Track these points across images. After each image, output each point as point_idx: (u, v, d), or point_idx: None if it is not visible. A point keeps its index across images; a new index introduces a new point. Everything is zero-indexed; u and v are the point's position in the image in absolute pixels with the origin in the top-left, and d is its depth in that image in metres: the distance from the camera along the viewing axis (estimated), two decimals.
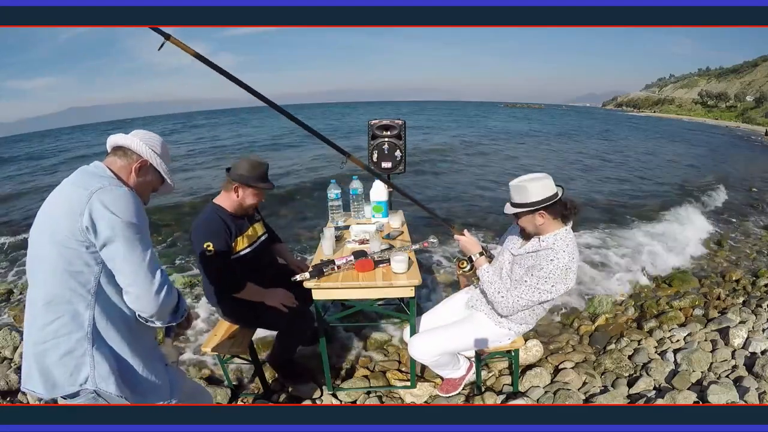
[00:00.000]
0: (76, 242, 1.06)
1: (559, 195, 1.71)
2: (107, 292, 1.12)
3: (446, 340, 1.96)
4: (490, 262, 1.90)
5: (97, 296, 1.10)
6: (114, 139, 1.27)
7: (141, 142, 1.25)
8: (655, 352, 2.68)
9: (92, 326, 1.10)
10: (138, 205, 1.13)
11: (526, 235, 1.86)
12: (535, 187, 1.68)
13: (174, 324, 1.26)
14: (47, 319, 1.09)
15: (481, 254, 1.87)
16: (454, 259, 1.93)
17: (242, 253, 2.03)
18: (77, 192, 1.08)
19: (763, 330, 2.71)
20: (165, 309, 1.15)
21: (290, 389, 2.28)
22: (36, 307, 1.11)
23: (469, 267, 1.90)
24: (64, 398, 1.13)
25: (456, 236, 1.92)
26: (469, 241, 1.89)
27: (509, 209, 1.77)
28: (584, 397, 2.21)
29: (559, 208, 1.71)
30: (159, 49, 1.30)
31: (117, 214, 1.06)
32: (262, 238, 2.19)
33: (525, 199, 1.69)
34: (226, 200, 2.02)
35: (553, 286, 1.67)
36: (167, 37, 1.30)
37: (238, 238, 2.01)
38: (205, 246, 1.87)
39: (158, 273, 1.12)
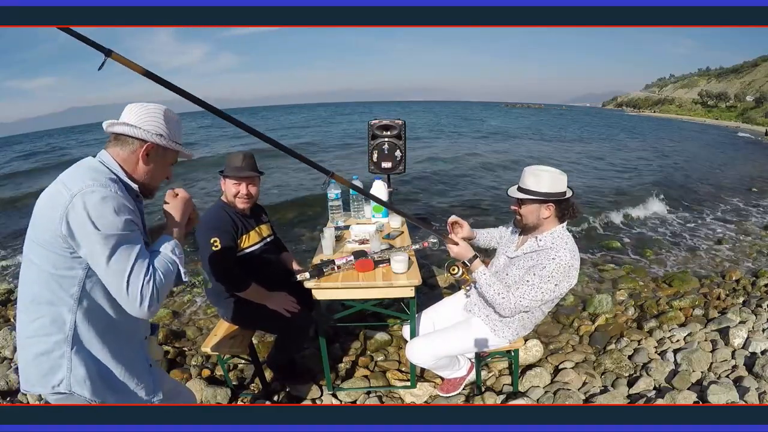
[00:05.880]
0: (58, 247, 1.03)
1: (568, 195, 1.71)
2: (92, 297, 1.09)
3: (443, 344, 1.95)
4: (486, 265, 1.88)
5: (80, 301, 1.07)
6: (109, 127, 1.15)
7: (140, 125, 1.13)
8: (655, 352, 2.68)
9: (73, 330, 1.07)
10: (120, 207, 1.04)
11: (522, 234, 1.85)
12: (552, 178, 1.67)
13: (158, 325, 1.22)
14: (30, 317, 1.09)
15: (475, 257, 1.82)
16: (445, 264, 1.91)
17: (247, 251, 2.04)
18: (60, 194, 1.02)
19: (763, 330, 2.71)
20: (155, 310, 1.07)
21: (287, 389, 2.28)
22: (23, 303, 1.11)
23: (459, 272, 1.88)
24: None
25: (448, 245, 1.86)
26: (461, 249, 1.83)
27: (515, 192, 1.74)
28: (584, 397, 2.21)
29: (565, 207, 1.71)
30: (99, 69, 1.10)
31: (95, 225, 0.99)
32: (268, 239, 2.20)
33: (538, 188, 1.68)
34: (224, 195, 2.06)
35: (556, 285, 1.66)
36: (108, 53, 1.09)
37: (244, 236, 2.03)
38: (211, 241, 1.87)
39: (140, 285, 1.02)
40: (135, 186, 1.17)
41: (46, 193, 1.07)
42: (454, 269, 1.87)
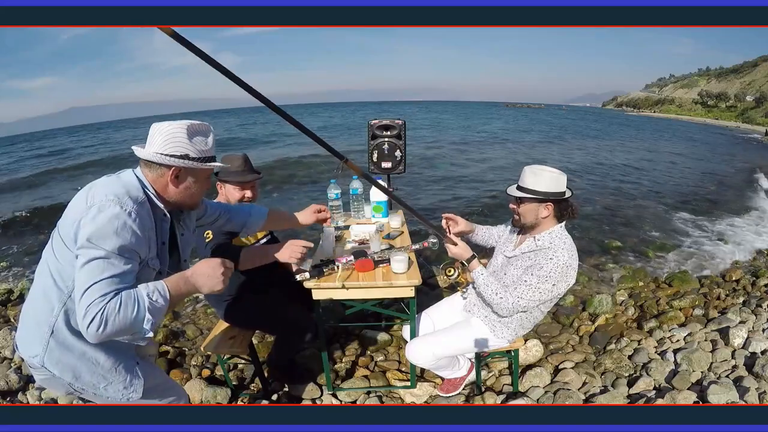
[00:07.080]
0: (70, 246, 1.08)
1: (567, 195, 1.71)
2: None
3: (442, 345, 1.95)
4: (484, 265, 1.88)
5: (69, 298, 1.10)
6: (137, 154, 1.16)
7: (164, 150, 1.12)
8: (655, 352, 2.68)
9: (55, 321, 1.12)
10: (123, 229, 1.03)
11: (520, 233, 1.85)
12: (551, 178, 1.67)
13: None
14: (38, 289, 1.16)
15: (473, 257, 1.82)
16: (441, 266, 1.91)
17: None
18: (85, 199, 1.08)
19: (763, 330, 2.71)
20: (93, 333, 0.98)
21: (287, 389, 2.28)
22: (37, 277, 1.19)
23: (456, 274, 1.87)
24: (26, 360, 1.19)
25: (447, 245, 1.87)
26: (459, 249, 1.84)
27: (514, 191, 1.74)
28: (584, 397, 2.21)
29: (564, 207, 1.72)
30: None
31: (90, 235, 1.01)
32: (263, 240, 2.18)
33: (536, 187, 1.68)
34: (223, 200, 2.03)
35: (554, 285, 1.66)
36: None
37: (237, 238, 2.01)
38: (204, 235, 1.85)
39: (91, 300, 0.97)
40: (162, 206, 1.18)
41: (80, 192, 1.13)
42: (450, 271, 1.87)
